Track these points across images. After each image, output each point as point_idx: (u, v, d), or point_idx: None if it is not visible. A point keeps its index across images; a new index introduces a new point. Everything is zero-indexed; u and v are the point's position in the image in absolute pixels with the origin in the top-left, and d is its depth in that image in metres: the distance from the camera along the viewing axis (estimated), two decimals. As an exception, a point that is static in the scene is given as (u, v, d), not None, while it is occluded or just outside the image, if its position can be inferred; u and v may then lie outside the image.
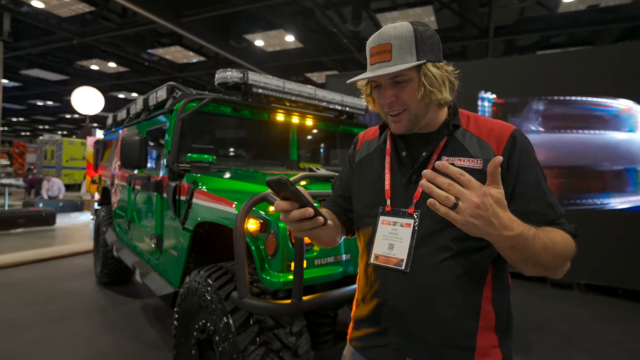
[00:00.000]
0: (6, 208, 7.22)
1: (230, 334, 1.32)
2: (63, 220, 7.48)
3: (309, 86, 2.62)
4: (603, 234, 3.81)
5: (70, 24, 10.81)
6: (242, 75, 2.21)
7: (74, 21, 10.73)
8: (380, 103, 0.84)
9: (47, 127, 31.63)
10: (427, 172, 0.64)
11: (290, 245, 1.30)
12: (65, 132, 32.39)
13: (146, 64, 14.27)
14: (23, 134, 35.33)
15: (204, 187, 1.82)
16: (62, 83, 16.52)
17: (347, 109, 2.84)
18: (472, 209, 0.62)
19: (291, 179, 1.70)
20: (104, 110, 13.19)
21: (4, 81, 14.99)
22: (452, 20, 9.77)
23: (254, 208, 1.40)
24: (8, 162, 17.74)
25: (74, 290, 3.52)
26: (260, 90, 2.30)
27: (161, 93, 2.37)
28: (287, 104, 2.62)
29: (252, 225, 1.38)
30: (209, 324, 1.51)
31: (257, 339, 1.32)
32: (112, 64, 14.47)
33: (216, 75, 2.27)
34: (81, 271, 4.14)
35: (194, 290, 1.56)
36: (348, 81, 0.90)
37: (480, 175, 0.75)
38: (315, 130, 2.83)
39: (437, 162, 0.66)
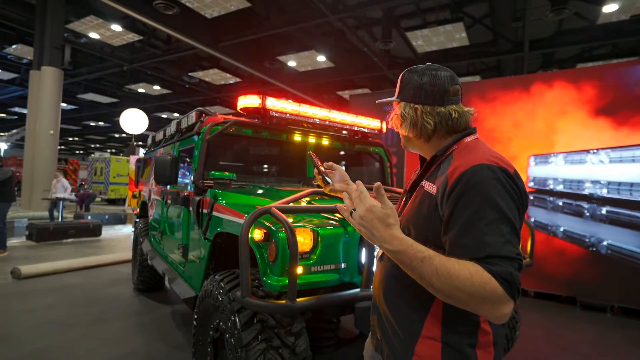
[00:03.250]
0: (60, 220, 8.04)
1: (236, 330, 1.52)
2: (108, 232, 8.19)
3: (323, 109, 2.85)
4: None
5: (122, 52, 12.04)
6: (260, 101, 2.49)
7: (125, 49, 11.94)
8: None
9: (98, 145, 34.57)
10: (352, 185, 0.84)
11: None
12: (114, 150, 35.18)
13: (187, 86, 15.41)
14: (77, 152, 38.79)
15: (223, 201, 2.07)
16: (113, 105, 18.21)
17: (361, 129, 3.03)
18: (357, 219, 0.81)
19: (301, 194, 1.91)
20: (148, 129, 14.35)
21: (63, 105, 16.77)
22: (485, 35, 9.74)
23: (260, 219, 1.62)
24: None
25: (113, 296, 3.91)
26: (277, 114, 2.56)
27: (191, 117, 2.70)
28: (305, 125, 2.86)
29: (257, 234, 1.59)
30: (221, 323, 1.72)
31: (259, 336, 1.50)
32: (156, 87, 15.79)
33: (238, 101, 2.57)
34: (121, 278, 4.57)
35: (210, 293, 1.79)
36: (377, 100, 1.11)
37: (430, 199, 0.87)
38: (331, 149, 3.03)
39: (357, 181, 0.86)
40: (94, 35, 10.61)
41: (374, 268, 1.07)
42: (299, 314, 1.62)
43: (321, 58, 11.58)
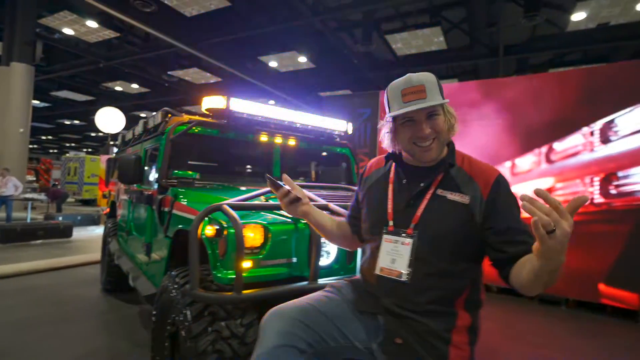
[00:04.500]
0: (28, 221, 7.86)
1: (187, 322, 1.60)
2: (80, 233, 8.05)
3: (290, 110, 2.95)
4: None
5: (98, 48, 11.85)
6: (225, 102, 2.57)
7: (101, 46, 11.75)
8: (411, 136, 1.05)
9: (73, 144, 33.67)
10: (526, 195, 0.73)
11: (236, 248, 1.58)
12: (90, 150, 34.33)
13: (166, 85, 15.25)
14: (51, 151, 37.65)
15: (184, 199, 2.14)
16: (89, 103, 17.82)
17: (328, 130, 3.15)
18: (563, 237, 0.72)
19: (257, 192, 1.99)
20: (125, 128, 14.14)
21: (35, 102, 16.32)
22: (462, 40, 10.06)
23: (214, 216, 1.70)
24: (34, 178, 19.04)
25: (80, 296, 3.90)
26: (244, 115, 2.65)
27: (157, 117, 2.76)
28: (272, 126, 2.95)
29: (209, 230, 1.67)
30: (176, 318, 1.79)
31: (209, 328, 1.58)
32: (135, 85, 15.57)
33: (203, 102, 2.64)
34: (89, 279, 4.54)
35: (166, 289, 1.86)
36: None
37: (465, 209, 1.02)
38: (298, 149, 3.13)
39: (537, 189, 0.74)
40: (68, 31, 10.42)
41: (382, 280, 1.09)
42: (251, 307, 1.71)
43: (302, 59, 11.70)
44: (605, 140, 3.05)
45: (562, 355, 2.94)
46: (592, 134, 3.04)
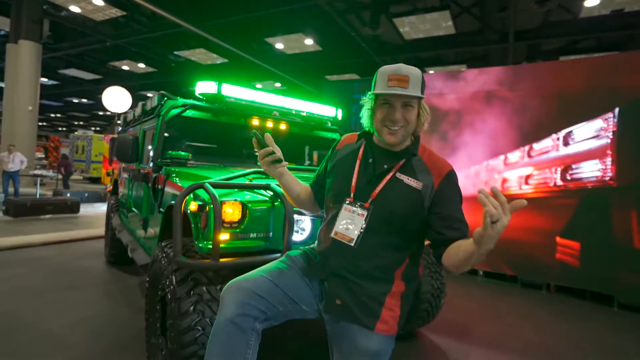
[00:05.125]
0: (37, 196, 8.24)
1: (172, 286, 1.82)
2: (86, 210, 8.42)
3: (280, 97, 3.10)
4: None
5: (104, 27, 11.98)
6: (217, 87, 2.73)
7: (108, 24, 11.88)
8: (384, 117, 1.19)
9: (81, 123, 34.18)
10: (483, 190, 0.89)
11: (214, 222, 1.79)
12: (98, 128, 34.86)
13: (173, 65, 15.38)
14: (60, 129, 38.31)
15: (175, 177, 2.35)
16: (96, 82, 18.07)
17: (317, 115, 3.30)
18: (501, 228, 0.88)
19: (242, 173, 2.18)
20: (132, 108, 14.38)
21: (43, 80, 16.62)
22: (471, 25, 9.94)
23: (198, 193, 1.90)
24: (43, 155, 19.59)
25: (85, 267, 4.20)
26: (233, 100, 2.82)
27: (154, 100, 2.94)
28: (264, 111, 3.11)
29: (193, 206, 1.87)
30: (165, 283, 2.02)
31: (192, 291, 1.81)
32: (141, 65, 15.72)
33: (196, 87, 2.81)
34: (94, 252, 4.86)
35: (157, 258, 2.08)
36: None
37: (417, 193, 1.20)
38: (289, 134, 3.30)
39: (493, 187, 0.90)
40: (74, 8, 10.55)
41: (334, 242, 1.26)
42: (230, 275, 1.93)
43: (309, 41, 11.68)
44: (566, 144, 4.29)
45: (537, 334, 3.14)
46: (557, 139, 4.36)
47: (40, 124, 11.80)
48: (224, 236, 1.78)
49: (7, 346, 2.40)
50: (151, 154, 2.98)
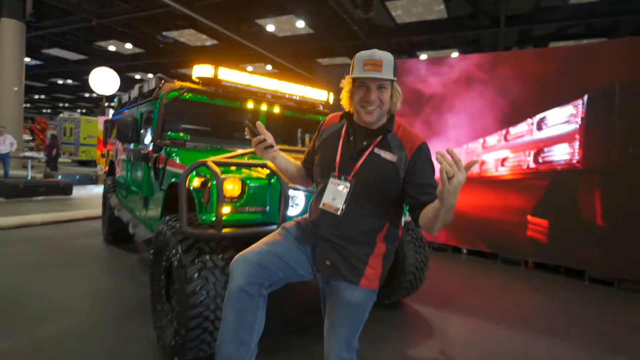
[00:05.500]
0: (29, 178, 8.26)
1: (179, 254, 2.01)
2: (79, 192, 8.49)
3: (274, 80, 3.24)
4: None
5: (89, 4, 11.71)
6: (213, 71, 2.86)
7: (93, 2, 11.62)
8: (361, 99, 1.33)
9: (67, 105, 33.44)
10: (440, 151, 1.03)
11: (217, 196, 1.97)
12: (84, 111, 34.19)
13: (161, 46, 15.12)
14: (44, 111, 37.43)
15: (175, 157, 2.51)
16: (81, 63, 17.69)
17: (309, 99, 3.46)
18: (458, 184, 1.03)
19: (239, 152, 2.35)
20: (120, 90, 14.21)
21: (27, 60, 16.21)
22: (464, 9, 10.01)
23: (200, 171, 2.07)
24: (30, 137, 19.30)
25: (84, 245, 4.36)
26: (229, 84, 2.95)
27: (151, 82, 3.06)
28: (258, 95, 3.26)
29: (196, 182, 2.05)
30: (170, 253, 2.21)
31: (196, 260, 2.00)
32: (128, 45, 15.42)
33: (193, 70, 2.93)
34: (92, 232, 5.01)
35: (161, 231, 2.26)
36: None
37: (392, 166, 1.36)
38: (282, 116, 3.46)
39: (448, 148, 1.04)
40: (58, -15, 10.31)
41: (323, 212, 1.42)
42: (231, 245, 2.12)
43: (300, 23, 11.63)
44: (539, 128, 4.58)
45: (512, 305, 3.44)
46: (532, 124, 4.61)
47: (23, 105, 11.62)
48: (225, 209, 1.96)
49: (18, 315, 2.58)
50: (149, 135, 3.12)
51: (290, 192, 2.16)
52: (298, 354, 2.28)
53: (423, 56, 13.44)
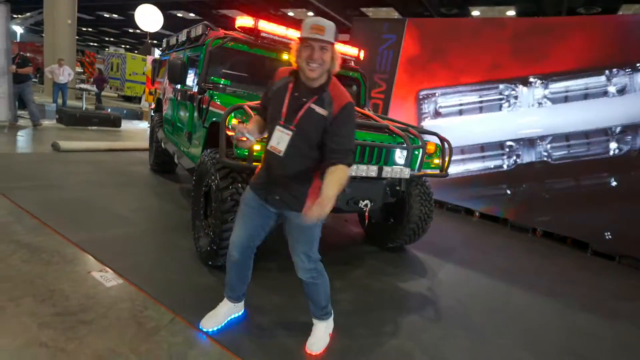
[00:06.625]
0: (84, 109, 9.16)
1: (217, 180, 2.52)
2: (126, 126, 9.34)
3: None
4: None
5: (137, -61, 11.84)
6: (253, 22, 3.19)
7: (140, -64, 11.72)
8: (306, 56, 1.56)
9: (112, 39, 34.50)
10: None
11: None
12: (128, 46, 35.20)
13: (205, -16, 15.12)
14: (91, 44, 38.85)
15: (217, 100, 2.95)
16: (127, -4, 18.10)
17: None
18: (322, 214, 1.47)
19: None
20: (163, 27, 14.61)
21: (78, -9, 16.77)
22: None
23: (237, 112, 2.51)
24: (81, 70, 20.53)
25: (135, 172, 5.08)
26: (267, 35, 3.28)
27: (198, 29, 3.44)
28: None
29: (234, 121, 2.49)
30: (209, 181, 2.73)
31: (231, 186, 2.50)
32: (172, -18, 15.53)
33: (236, 21, 3.27)
34: (140, 161, 5.73)
35: (203, 161, 2.77)
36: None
37: (323, 119, 1.67)
38: (314, 70, 3.75)
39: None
40: None
41: (270, 155, 1.74)
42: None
43: (347, -32, 11.23)
44: None
45: (506, 262, 3.81)
46: None
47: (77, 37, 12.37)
48: (256, 146, 2.41)
49: (90, 219, 3.27)
50: (194, 77, 3.56)
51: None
52: (303, 329, 2.08)
53: (475, 12, 12.70)
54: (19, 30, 24.27)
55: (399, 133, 2.88)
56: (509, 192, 4.97)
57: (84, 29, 30.55)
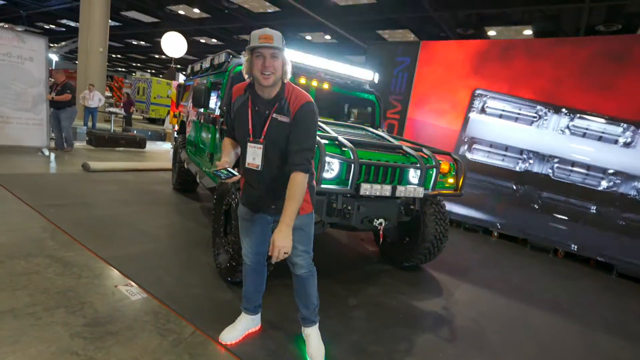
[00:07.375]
0: (112, 131, 9.66)
1: (236, 199, 2.66)
2: (150, 147, 9.76)
3: (324, 59, 3.70)
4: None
5: (165, -30, 12.66)
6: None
7: (168, -32, 12.54)
8: (259, 65, 1.60)
9: (139, 64, 36.33)
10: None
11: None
12: (153, 71, 36.93)
13: (226, 12, 15.91)
14: (119, 69, 40.98)
15: (238, 123, 3.13)
16: (154, 25, 19.18)
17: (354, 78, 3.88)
18: (285, 249, 1.62)
19: None
20: (187, 53, 15.38)
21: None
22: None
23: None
24: (110, 94, 21.68)
25: (158, 191, 5.32)
26: (285, 61, 3.47)
27: (222, 56, 3.68)
28: (311, 72, 3.75)
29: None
30: (229, 200, 2.88)
31: (249, 204, 2.63)
32: (196, 10, 16.43)
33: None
34: (163, 181, 6.00)
35: (223, 182, 2.92)
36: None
37: (286, 125, 1.73)
38: (331, 92, 3.93)
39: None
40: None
41: (248, 171, 1.82)
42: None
43: (363, -8, 11.62)
44: None
45: (524, 282, 3.76)
46: None
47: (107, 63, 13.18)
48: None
49: (117, 235, 3.47)
50: (217, 101, 3.78)
51: (327, 159, 2.68)
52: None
53: (491, 32, 12.80)
54: (54, 58, 25.92)
55: (412, 153, 2.97)
56: (514, 187, 5.29)
57: (114, 55, 32.36)
